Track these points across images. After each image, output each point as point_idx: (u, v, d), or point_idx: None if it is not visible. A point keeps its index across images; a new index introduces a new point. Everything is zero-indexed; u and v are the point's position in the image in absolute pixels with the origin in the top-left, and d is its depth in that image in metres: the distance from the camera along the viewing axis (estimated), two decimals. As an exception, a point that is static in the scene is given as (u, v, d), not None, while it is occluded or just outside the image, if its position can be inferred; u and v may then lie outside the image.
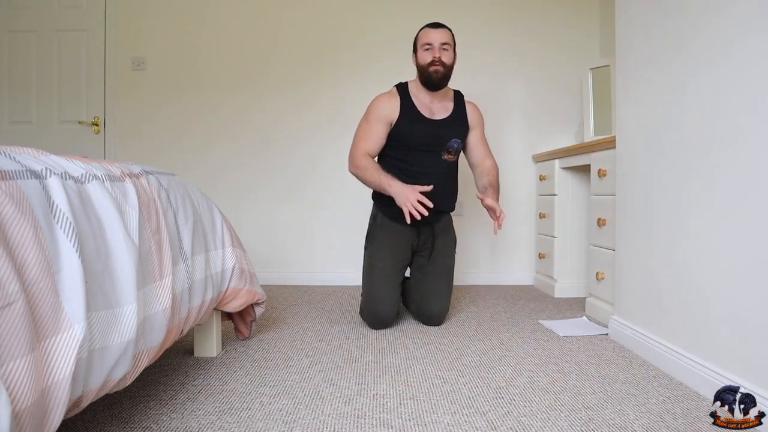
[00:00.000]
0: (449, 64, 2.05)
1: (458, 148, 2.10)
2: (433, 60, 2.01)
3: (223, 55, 3.20)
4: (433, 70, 2.02)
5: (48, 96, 3.26)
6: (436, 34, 2.03)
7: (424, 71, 2.04)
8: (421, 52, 2.06)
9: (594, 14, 3.13)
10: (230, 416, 1.23)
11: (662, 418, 1.22)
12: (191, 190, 1.54)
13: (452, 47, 2.07)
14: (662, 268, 1.59)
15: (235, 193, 3.18)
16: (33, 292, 0.72)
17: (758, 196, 1.19)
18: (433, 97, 2.11)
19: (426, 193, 1.91)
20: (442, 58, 2.02)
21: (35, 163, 0.85)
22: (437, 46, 2.02)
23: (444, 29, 2.06)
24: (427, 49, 2.03)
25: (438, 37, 2.03)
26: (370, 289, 2.06)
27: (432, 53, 2.02)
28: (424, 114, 2.08)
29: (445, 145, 2.07)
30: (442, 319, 2.10)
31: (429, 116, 2.09)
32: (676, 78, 1.52)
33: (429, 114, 2.09)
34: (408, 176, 2.05)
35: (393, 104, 2.08)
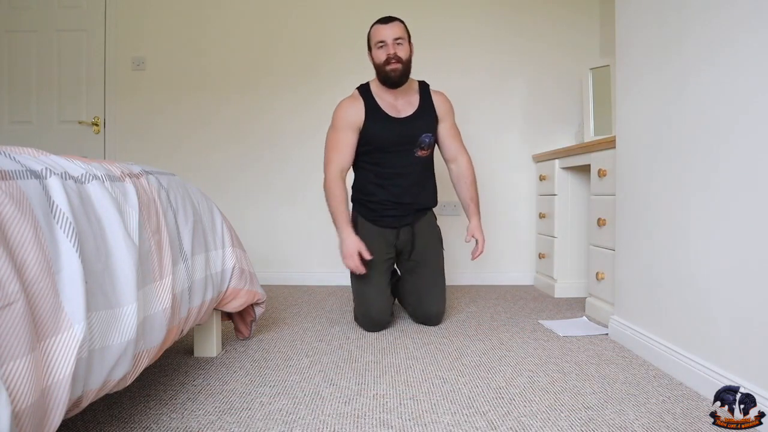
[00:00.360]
0: (406, 58, 1.98)
1: (430, 142, 2.07)
2: (389, 57, 1.95)
3: (223, 55, 3.20)
4: (391, 69, 1.96)
5: (48, 96, 3.26)
6: (387, 30, 1.96)
7: (382, 70, 1.99)
8: (375, 51, 2.00)
9: (594, 14, 3.13)
10: (230, 416, 1.23)
11: (662, 418, 1.22)
12: (191, 190, 1.54)
13: (407, 40, 2.01)
14: (662, 268, 1.59)
15: (235, 193, 3.18)
16: (33, 292, 0.72)
17: (758, 196, 1.19)
18: (396, 95, 2.05)
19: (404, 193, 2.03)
20: (398, 54, 1.95)
21: (35, 163, 0.85)
22: (390, 43, 1.95)
23: (395, 23, 1.99)
24: (381, 46, 1.97)
25: (390, 33, 1.96)
26: (360, 295, 2.04)
27: (386, 50, 1.96)
28: (390, 113, 2.03)
29: (417, 142, 2.03)
30: (441, 318, 2.09)
31: (395, 115, 2.04)
32: (676, 78, 1.52)
33: (395, 113, 2.04)
34: (384, 179, 2.06)
35: (357, 108, 2.03)
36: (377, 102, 2.04)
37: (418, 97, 2.09)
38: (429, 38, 3.13)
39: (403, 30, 2.00)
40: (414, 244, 2.10)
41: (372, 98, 2.05)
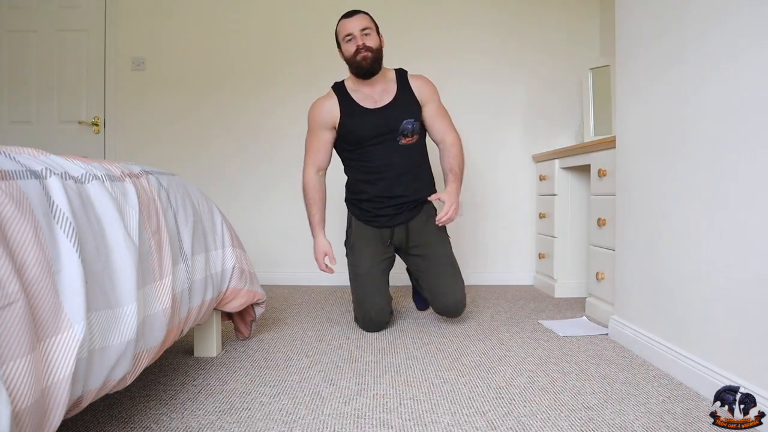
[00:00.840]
0: (375, 47, 1.96)
1: (413, 128, 2.01)
2: (358, 48, 1.94)
3: (223, 55, 3.20)
4: (361, 57, 1.94)
5: (48, 96, 3.26)
6: (353, 23, 1.95)
7: (353, 62, 1.97)
8: (344, 45, 1.99)
9: (594, 14, 3.13)
10: (230, 416, 1.23)
11: (662, 418, 1.22)
12: (191, 190, 1.54)
13: (374, 30, 1.99)
14: (662, 268, 1.59)
15: (235, 193, 3.18)
16: (33, 292, 0.72)
17: (758, 196, 1.19)
18: (373, 86, 2.02)
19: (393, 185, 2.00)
20: (366, 43, 1.94)
21: (35, 163, 0.85)
22: (358, 34, 1.94)
23: (360, 15, 1.98)
24: (349, 39, 1.96)
25: (356, 25, 1.95)
26: (358, 296, 2.04)
27: (355, 42, 1.95)
28: (366, 105, 2.01)
29: (399, 129, 1.99)
30: (460, 308, 2.02)
31: (372, 106, 2.01)
32: (676, 77, 1.52)
33: (372, 104, 2.01)
34: (372, 173, 2.03)
35: (331, 106, 2.03)
36: (352, 96, 2.03)
37: (395, 85, 2.04)
38: (429, 39, 3.13)
39: (369, 21, 1.99)
40: (408, 241, 2.07)
41: (346, 93, 2.04)
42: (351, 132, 2.01)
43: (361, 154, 2.04)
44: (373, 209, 2.06)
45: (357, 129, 2.00)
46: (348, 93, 2.04)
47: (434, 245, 2.06)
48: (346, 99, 2.03)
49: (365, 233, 2.08)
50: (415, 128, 2.02)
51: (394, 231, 2.06)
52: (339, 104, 2.02)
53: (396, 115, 1.99)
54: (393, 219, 2.05)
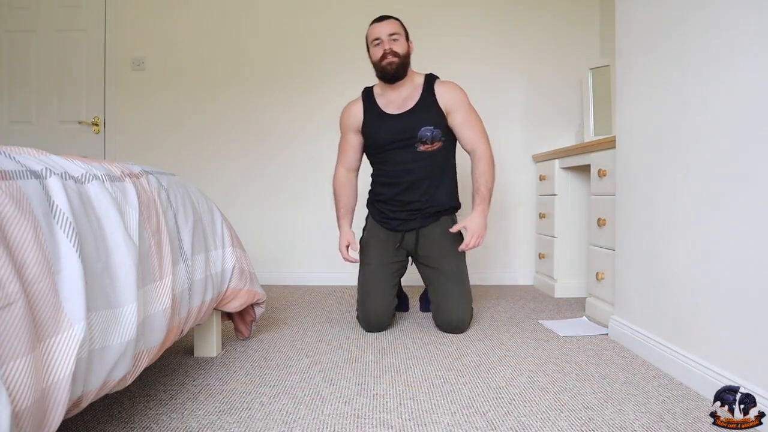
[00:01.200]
0: (402, 53, 1.97)
1: (433, 136, 1.98)
2: (385, 52, 1.95)
3: (223, 55, 3.20)
4: (387, 62, 1.96)
5: (48, 96, 3.26)
6: (382, 27, 1.98)
7: (379, 66, 1.99)
8: (372, 49, 2.01)
9: (594, 14, 3.13)
10: (230, 416, 1.23)
11: (662, 418, 1.22)
12: (191, 190, 1.54)
13: (403, 36, 2.00)
14: (662, 268, 1.59)
15: (235, 193, 3.18)
16: (33, 292, 0.72)
17: (758, 196, 1.19)
18: (398, 90, 2.03)
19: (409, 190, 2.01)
20: (393, 48, 1.95)
21: (35, 163, 0.85)
22: (386, 39, 1.96)
23: (390, 20, 2.00)
24: (377, 44, 1.98)
25: (385, 30, 1.97)
26: (361, 293, 2.05)
27: (382, 47, 1.96)
28: (389, 111, 2.02)
29: (417, 136, 1.97)
30: (463, 327, 1.97)
31: (395, 111, 2.02)
32: (676, 78, 1.52)
33: (395, 109, 2.02)
34: (390, 177, 2.04)
35: (356, 110, 2.09)
36: (376, 100, 2.07)
37: (421, 90, 2.03)
38: (429, 40, 3.13)
39: (398, 26, 2.00)
40: (418, 249, 2.05)
41: (372, 97, 2.08)
42: (370, 136, 2.06)
43: (381, 158, 2.07)
44: (388, 211, 2.07)
45: (376, 133, 2.04)
46: (373, 97, 2.08)
47: (445, 259, 2.02)
48: (370, 103, 2.07)
49: (378, 234, 2.09)
50: (435, 136, 1.99)
51: (404, 236, 2.05)
52: (363, 108, 2.07)
53: (414, 122, 1.98)
54: (405, 224, 2.04)
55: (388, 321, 2.03)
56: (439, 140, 2.01)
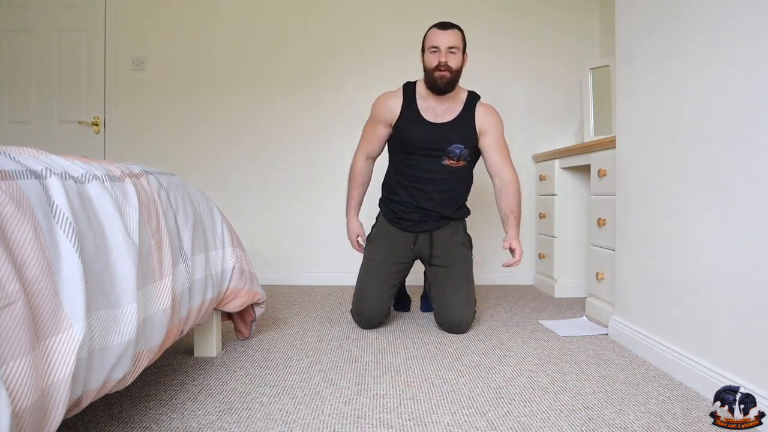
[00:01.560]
0: (456, 68, 1.95)
1: (460, 154, 1.99)
2: (439, 64, 1.92)
3: (223, 55, 3.20)
4: (439, 75, 1.93)
5: (48, 96, 3.26)
6: (443, 37, 1.93)
7: (430, 75, 1.96)
8: (427, 54, 1.97)
9: (594, 14, 3.13)
10: (230, 416, 1.23)
11: (662, 418, 1.22)
12: (191, 190, 1.54)
13: (461, 50, 1.97)
14: (662, 268, 1.59)
15: (235, 193, 3.18)
16: (33, 292, 0.72)
17: (758, 197, 1.19)
18: (440, 100, 2.02)
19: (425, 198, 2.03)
20: (449, 63, 1.92)
21: (35, 163, 0.85)
22: (444, 50, 1.92)
23: (453, 30, 1.96)
24: (434, 51, 1.94)
25: (446, 40, 1.93)
26: (359, 286, 2.06)
27: (438, 57, 1.93)
28: (426, 117, 2.01)
29: (446, 150, 1.98)
30: (465, 327, 1.97)
31: (432, 119, 2.01)
32: (677, 78, 1.52)
33: (432, 117, 2.01)
34: (409, 180, 2.04)
35: (394, 104, 2.04)
36: (417, 102, 2.03)
37: (462, 107, 2.03)
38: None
39: (459, 39, 1.96)
40: (432, 251, 2.06)
41: (413, 97, 2.03)
42: (402, 135, 2.03)
43: (405, 158, 2.05)
44: (400, 211, 2.07)
45: (408, 135, 2.01)
46: (414, 97, 2.03)
47: (456, 261, 2.05)
48: (410, 103, 2.03)
49: (389, 232, 2.09)
50: (462, 154, 2.01)
51: (417, 237, 2.06)
52: (402, 105, 2.03)
53: (448, 136, 1.99)
54: (418, 225, 2.05)
55: (381, 319, 2.04)
56: (465, 159, 2.03)
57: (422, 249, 2.07)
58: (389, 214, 2.10)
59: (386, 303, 2.05)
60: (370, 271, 2.06)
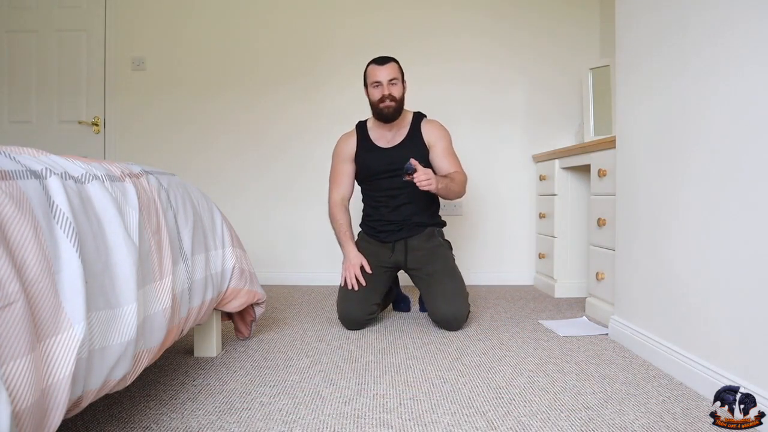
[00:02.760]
0: (399, 97, 2.12)
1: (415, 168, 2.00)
2: (383, 96, 2.09)
3: (223, 55, 3.20)
4: (384, 106, 2.10)
5: (48, 96, 3.26)
6: (383, 71, 2.09)
7: (376, 108, 2.13)
8: (371, 89, 2.14)
9: (594, 14, 3.13)
10: (230, 416, 1.23)
11: (662, 418, 1.22)
12: (191, 190, 1.54)
13: (400, 79, 2.13)
14: (662, 268, 1.59)
15: (235, 193, 3.18)
16: (33, 292, 0.72)
17: (758, 196, 1.19)
18: (390, 127, 2.19)
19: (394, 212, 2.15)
20: (392, 93, 2.09)
21: (35, 163, 0.85)
22: (385, 83, 2.09)
23: (390, 64, 2.12)
24: (376, 86, 2.11)
25: (385, 74, 2.09)
26: (341, 289, 2.11)
27: (381, 90, 2.10)
28: (380, 144, 2.19)
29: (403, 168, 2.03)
30: (460, 322, 2.01)
31: (385, 145, 2.19)
32: (677, 78, 1.52)
33: (385, 143, 2.19)
34: (377, 201, 2.21)
35: (350, 142, 2.24)
36: (369, 134, 2.23)
37: (408, 128, 2.20)
38: (430, 40, 3.13)
39: (397, 70, 2.13)
40: (407, 256, 2.16)
41: (365, 131, 2.24)
42: (362, 166, 2.22)
43: (371, 185, 2.23)
44: (378, 225, 2.22)
45: (368, 164, 2.20)
46: (366, 131, 2.24)
47: (434, 261, 2.13)
48: (363, 136, 2.23)
49: (369, 243, 2.22)
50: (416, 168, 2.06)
51: (395, 246, 2.17)
52: (357, 141, 2.23)
53: (402, 155, 2.11)
54: (393, 234, 2.18)
55: (363, 316, 2.05)
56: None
57: (399, 257, 2.17)
58: (368, 230, 2.26)
59: (370, 301, 2.07)
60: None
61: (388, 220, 2.19)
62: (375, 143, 2.20)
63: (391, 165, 2.13)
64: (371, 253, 2.16)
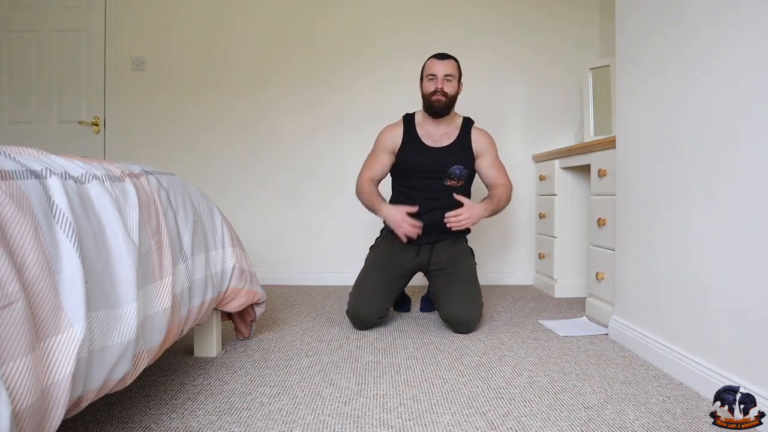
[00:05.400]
0: (452, 94, 2.11)
1: (461, 174, 2.11)
2: (436, 89, 2.08)
3: (223, 55, 3.20)
4: (435, 99, 2.09)
5: (48, 96, 3.26)
6: (440, 66, 2.10)
7: (427, 100, 2.12)
8: (425, 82, 2.13)
9: (594, 14, 3.13)
10: (230, 416, 1.23)
11: (662, 418, 1.22)
12: (191, 190, 1.54)
13: (456, 78, 2.13)
14: (662, 268, 1.59)
15: (235, 193, 3.18)
16: (33, 292, 0.72)
17: (758, 196, 1.19)
18: (438, 125, 2.17)
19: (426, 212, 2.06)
20: (445, 89, 2.08)
21: (35, 163, 0.85)
22: (440, 77, 2.08)
23: (449, 60, 2.12)
24: (431, 79, 2.10)
25: (442, 69, 2.09)
26: (357, 285, 2.10)
27: (435, 83, 2.08)
28: (426, 142, 2.15)
29: (447, 172, 2.10)
30: (471, 326, 1.98)
31: (432, 144, 2.15)
32: (677, 77, 1.52)
33: (432, 142, 2.16)
34: (411, 200, 2.13)
35: (396, 134, 2.19)
36: (416, 129, 2.18)
37: (458, 132, 2.18)
38: (430, 40, 3.13)
39: (455, 68, 2.13)
40: (431, 258, 2.13)
41: (413, 125, 2.20)
42: (405, 161, 2.17)
43: (408, 183, 2.19)
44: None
45: (410, 159, 2.16)
46: (414, 125, 2.20)
47: (458, 265, 2.10)
48: (410, 131, 2.19)
49: (393, 244, 2.15)
50: (462, 174, 2.14)
51: (420, 249, 2.13)
52: (403, 134, 2.18)
53: (448, 159, 2.12)
54: (421, 238, 2.10)
55: (374, 318, 2.03)
56: (464, 179, 2.15)
57: (423, 259, 2.14)
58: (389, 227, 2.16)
59: (383, 304, 2.05)
60: (369, 272, 2.12)
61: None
62: (422, 140, 2.16)
63: (435, 166, 2.11)
64: (396, 254, 2.13)
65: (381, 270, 2.10)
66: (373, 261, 2.15)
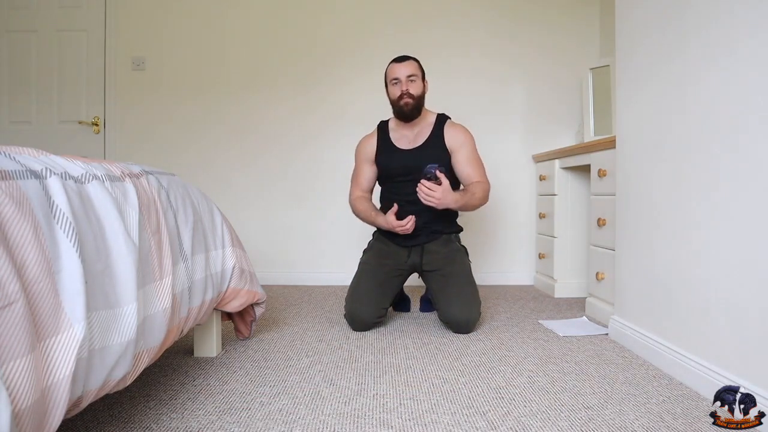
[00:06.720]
0: (418, 94, 2.10)
1: (436, 172, 2.00)
2: (402, 93, 2.08)
3: (224, 55, 3.20)
4: (403, 103, 2.09)
5: (48, 96, 3.26)
6: (401, 68, 2.10)
7: (396, 105, 2.13)
8: (390, 87, 2.14)
9: (594, 14, 3.13)
10: (230, 416, 1.23)
11: (662, 418, 1.22)
12: (191, 190, 1.54)
13: (420, 77, 2.12)
14: (662, 268, 1.59)
15: (235, 193, 3.18)
16: (33, 292, 0.72)
17: (758, 196, 1.19)
18: (411, 127, 2.18)
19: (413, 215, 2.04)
20: (410, 90, 2.08)
21: (35, 163, 0.85)
22: (404, 79, 2.08)
23: (409, 61, 2.12)
24: (395, 83, 2.11)
25: (404, 71, 2.09)
26: (352, 289, 2.10)
27: (400, 87, 2.09)
28: (400, 145, 2.17)
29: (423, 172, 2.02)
30: (470, 326, 1.97)
31: (406, 146, 2.16)
32: (677, 77, 1.52)
33: (406, 144, 2.17)
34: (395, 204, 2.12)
35: (371, 142, 2.23)
36: (390, 135, 2.21)
37: (431, 129, 2.17)
38: (430, 41, 3.13)
39: (416, 68, 2.12)
40: (423, 259, 2.12)
41: (386, 132, 2.23)
42: (382, 167, 2.20)
43: (390, 186, 2.21)
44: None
45: (387, 165, 2.18)
46: (388, 132, 2.23)
47: (452, 266, 2.09)
48: (384, 137, 2.22)
49: (384, 245, 2.18)
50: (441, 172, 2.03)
51: (411, 251, 2.14)
52: (377, 140, 2.22)
53: (422, 157, 2.09)
54: (411, 240, 2.12)
55: (373, 318, 2.03)
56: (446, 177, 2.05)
57: (415, 260, 2.14)
58: (384, 233, 2.19)
59: (380, 303, 2.05)
60: (364, 273, 2.12)
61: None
62: (395, 144, 2.17)
63: (410, 168, 2.08)
64: (388, 255, 2.14)
65: (375, 271, 2.10)
66: (366, 263, 2.16)
